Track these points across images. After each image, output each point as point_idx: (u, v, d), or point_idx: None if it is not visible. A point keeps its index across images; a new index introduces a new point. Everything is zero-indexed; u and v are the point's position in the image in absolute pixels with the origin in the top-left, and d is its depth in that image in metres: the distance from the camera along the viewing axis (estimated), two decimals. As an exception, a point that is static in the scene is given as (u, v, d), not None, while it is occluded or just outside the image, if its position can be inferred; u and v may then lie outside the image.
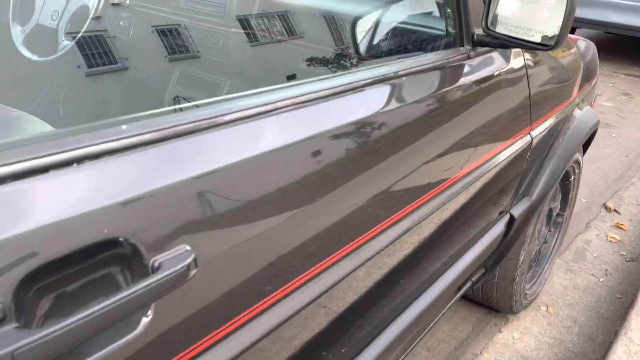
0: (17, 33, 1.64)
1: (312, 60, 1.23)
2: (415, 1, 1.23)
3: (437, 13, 1.11)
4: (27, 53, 1.60)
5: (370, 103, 0.81)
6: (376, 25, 1.14)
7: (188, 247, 0.52)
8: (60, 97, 1.51)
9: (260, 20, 1.49)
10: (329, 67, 1.18)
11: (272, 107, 0.65)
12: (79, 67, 1.37)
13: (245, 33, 1.48)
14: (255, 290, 0.62)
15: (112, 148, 0.49)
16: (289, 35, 1.42)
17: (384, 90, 0.85)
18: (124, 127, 0.52)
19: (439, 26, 1.10)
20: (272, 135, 0.64)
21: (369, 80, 0.82)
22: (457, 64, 1.03)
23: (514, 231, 1.43)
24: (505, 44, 1.01)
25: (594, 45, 2.01)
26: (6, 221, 0.42)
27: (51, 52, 1.56)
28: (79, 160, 0.47)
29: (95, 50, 1.40)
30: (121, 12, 1.56)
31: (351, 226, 0.77)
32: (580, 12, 5.09)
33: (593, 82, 1.91)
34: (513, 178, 1.39)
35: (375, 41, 1.13)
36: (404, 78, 0.90)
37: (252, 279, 0.61)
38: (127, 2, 1.61)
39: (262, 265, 0.63)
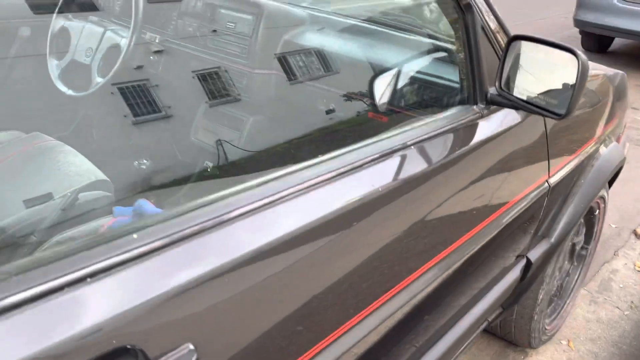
0: (53, 67, 1.72)
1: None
2: (429, 59, 1.25)
3: (451, 71, 1.13)
4: (62, 87, 1.68)
5: (394, 170, 0.85)
6: (392, 81, 1.16)
7: (191, 346, 0.56)
8: (95, 133, 1.58)
9: (296, 60, 1.52)
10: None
11: (271, 199, 0.68)
12: (125, 116, 1.43)
13: (280, 75, 1.51)
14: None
15: (120, 260, 0.54)
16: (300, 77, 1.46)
17: (413, 153, 0.88)
18: (135, 235, 0.56)
19: (453, 84, 1.11)
20: (273, 228, 0.67)
21: (387, 151, 0.85)
22: (471, 123, 1.05)
23: (530, 275, 1.43)
24: (517, 106, 1.01)
25: (624, 75, 1.97)
26: (29, 340, 0.46)
27: (85, 88, 1.64)
28: (92, 275, 0.52)
29: (140, 100, 1.46)
30: (162, 58, 1.61)
31: (373, 286, 0.82)
32: (617, 22, 4.97)
33: (621, 116, 1.88)
34: (531, 221, 1.39)
35: (390, 96, 1.15)
36: (422, 144, 0.93)
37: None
38: (155, 41, 1.68)
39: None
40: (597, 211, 1.87)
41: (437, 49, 1.25)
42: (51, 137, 1.45)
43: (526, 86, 0.98)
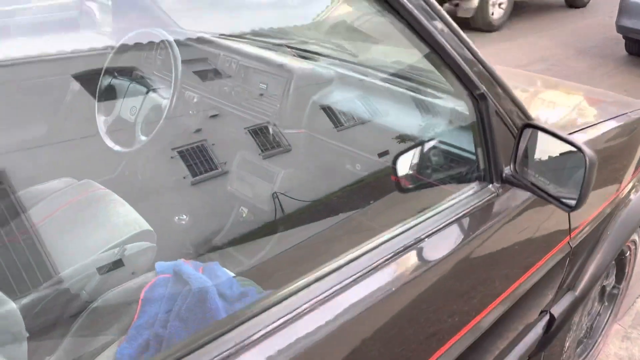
0: (101, 122, 1.85)
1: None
2: (450, 127, 1.30)
3: (469, 141, 1.17)
4: (109, 142, 1.81)
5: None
6: (414, 154, 1.22)
7: None
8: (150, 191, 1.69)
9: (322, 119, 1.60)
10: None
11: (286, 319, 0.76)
12: (184, 177, 1.53)
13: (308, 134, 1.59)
14: None
15: None
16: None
17: (434, 241, 0.95)
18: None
19: (471, 156, 1.16)
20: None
21: (409, 243, 0.92)
22: (487, 203, 1.10)
23: (554, 329, 1.46)
24: (530, 190, 1.05)
25: None
26: None
27: (130, 145, 1.76)
28: None
29: (198, 160, 1.56)
30: (215, 120, 1.70)
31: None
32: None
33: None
34: (554, 277, 1.42)
35: (412, 168, 1.21)
36: (444, 230, 0.99)
37: None
38: (193, 100, 1.78)
39: None
40: (629, 253, 1.87)
41: (458, 117, 1.30)
42: (101, 186, 1.57)
43: (538, 172, 1.02)
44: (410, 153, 1.21)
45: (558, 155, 1.00)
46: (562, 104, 1.85)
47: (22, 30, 1.94)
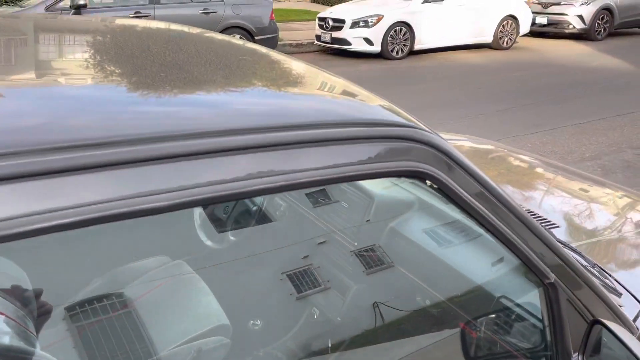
0: (197, 215, 2.01)
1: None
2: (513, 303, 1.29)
3: (536, 324, 1.16)
4: (202, 236, 1.96)
5: None
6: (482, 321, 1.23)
7: None
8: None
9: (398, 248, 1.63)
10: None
11: None
12: (290, 294, 1.63)
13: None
14: None
15: None
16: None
17: None
18: None
19: (537, 336, 1.15)
20: None
21: None
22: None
23: None
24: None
25: None
26: None
27: (220, 243, 1.89)
28: None
29: (304, 280, 1.66)
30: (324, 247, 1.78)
31: None
32: None
33: None
34: None
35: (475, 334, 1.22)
36: None
37: None
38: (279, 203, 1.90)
39: None
40: None
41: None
42: (191, 269, 1.69)
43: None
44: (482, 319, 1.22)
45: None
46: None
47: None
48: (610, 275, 1.40)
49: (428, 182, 0.93)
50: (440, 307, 1.45)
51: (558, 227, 1.73)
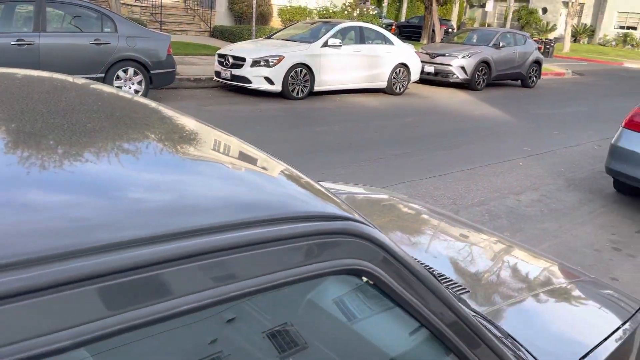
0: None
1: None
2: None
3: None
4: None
5: None
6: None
7: None
8: None
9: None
10: None
11: None
12: None
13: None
14: None
15: None
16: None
17: None
18: None
19: None
20: None
21: None
22: None
23: None
24: None
25: None
26: None
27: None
28: None
29: None
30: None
31: None
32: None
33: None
34: None
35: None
36: None
37: None
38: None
39: None
40: None
41: None
42: None
43: None
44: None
45: None
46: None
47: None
48: (522, 346, 1.43)
49: (364, 279, 0.86)
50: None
51: (468, 292, 1.75)
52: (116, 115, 1.03)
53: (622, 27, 41.19)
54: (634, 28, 40.87)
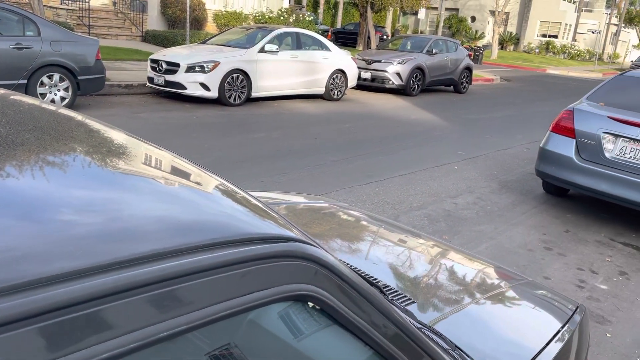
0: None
1: None
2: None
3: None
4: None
5: None
6: None
7: None
8: None
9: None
10: None
11: None
12: None
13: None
14: None
15: None
16: None
17: None
18: None
19: None
20: None
21: None
22: None
23: None
24: None
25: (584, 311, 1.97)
26: None
27: None
28: None
29: None
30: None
31: None
32: (575, 179, 5.21)
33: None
34: None
35: None
36: None
37: None
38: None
39: None
40: None
41: None
42: None
43: None
44: None
45: None
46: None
47: None
48: (469, 357, 1.41)
49: (310, 304, 0.80)
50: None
51: (414, 302, 1.72)
52: (40, 128, 0.92)
53: (544, 36, 43.68)
54: (555, 36, 43.44)
